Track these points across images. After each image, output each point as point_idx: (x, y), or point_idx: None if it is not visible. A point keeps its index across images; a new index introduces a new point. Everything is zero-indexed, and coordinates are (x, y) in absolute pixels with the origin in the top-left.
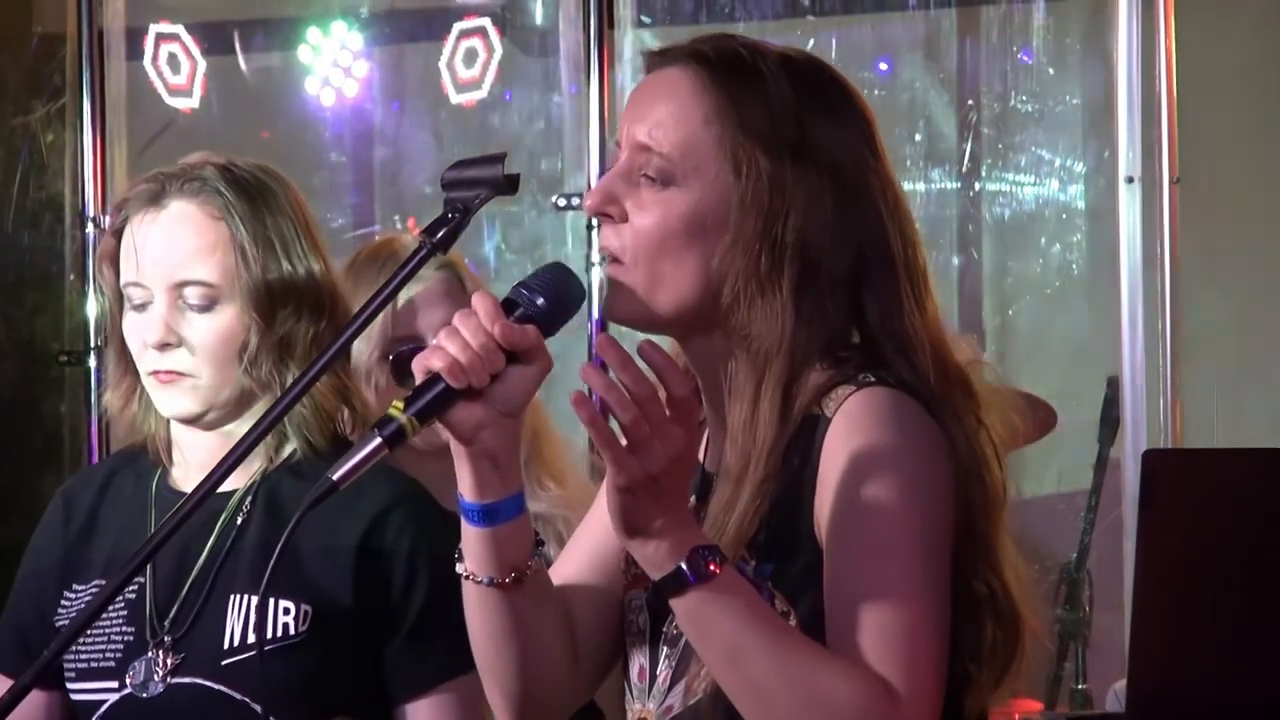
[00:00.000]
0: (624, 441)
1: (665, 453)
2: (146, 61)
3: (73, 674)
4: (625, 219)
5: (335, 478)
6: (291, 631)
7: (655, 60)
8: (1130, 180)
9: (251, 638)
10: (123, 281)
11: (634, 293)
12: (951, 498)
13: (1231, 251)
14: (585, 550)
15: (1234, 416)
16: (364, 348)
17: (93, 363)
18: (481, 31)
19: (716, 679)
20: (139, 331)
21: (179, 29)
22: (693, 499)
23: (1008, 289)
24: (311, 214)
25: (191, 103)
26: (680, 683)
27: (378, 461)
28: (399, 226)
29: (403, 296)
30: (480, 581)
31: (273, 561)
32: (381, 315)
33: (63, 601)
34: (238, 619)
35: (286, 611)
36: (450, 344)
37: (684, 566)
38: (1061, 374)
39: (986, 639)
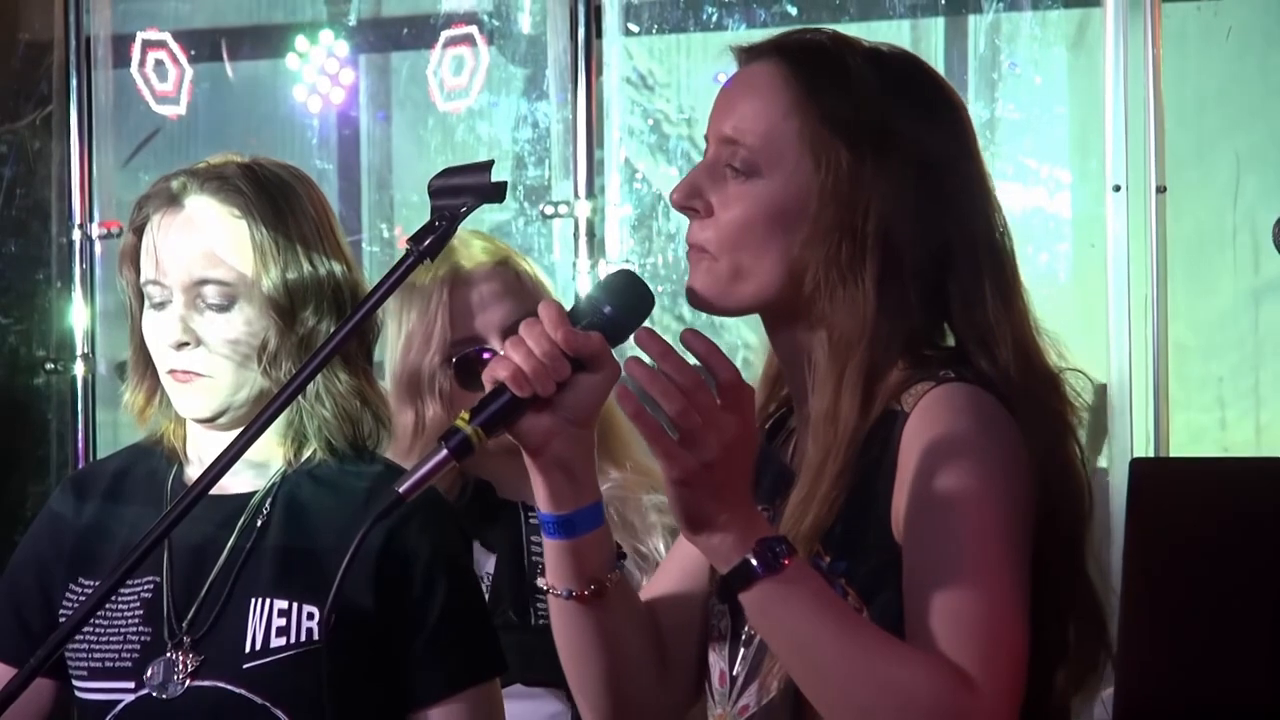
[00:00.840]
0: (675, 435)
1: (719, 441)
2: (133, 69)
3: (84, 673)
4: (710, 213)
5: (401, 490)
6: (316, 636)
7: (742, 56)
8: (1117, 189)
9: (275, 641)
10: (142, 279)
11: (716, 283)
12: (1031, 491)
13: (1217, 260)
14: (677, 562)
15: (1221, 426)
16: (425, 354)
17: (79, 371)
18: (469, 39)
19: (788, 671)
20: (158, 330)
21: (166, 36)
22: (773, 500)
23: None
24: (334, 215)
25: (179, 110)
26: (755, 682)
27: (443, 472)
28: (386, 234)
29: (460, 298)
30: (560, 595)
31: (339, 576)
32: (440, 320)
33: (68, 594)
34: (259, 623)
35: (311, 616)
36: (515, 353)
37: (751, 559)
38: None
39: (1070, 640)
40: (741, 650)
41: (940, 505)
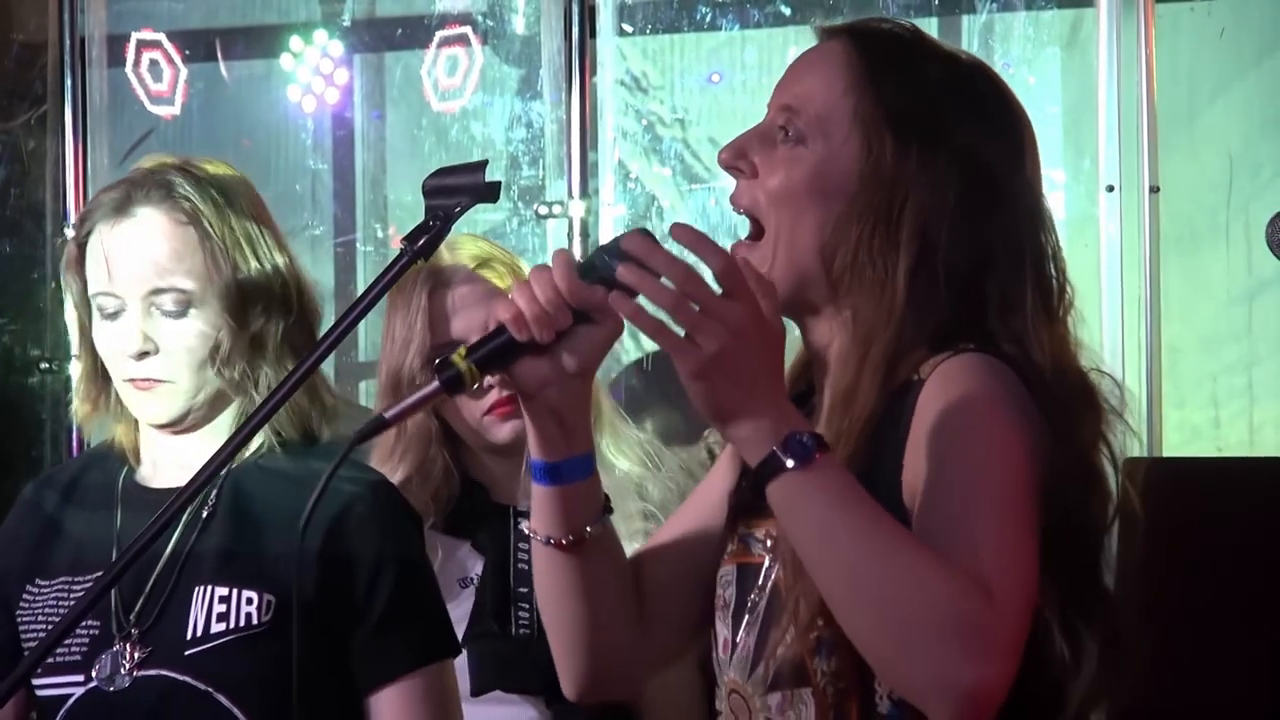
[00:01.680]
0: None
1: (725, 328)
2: (128, 69)
3: (38, 670)
4: (755, 174)
5: (388, 415)
6: (255, 621)
7: (822, 34)
8: (1111, 189)
9: (216, 628)
10: (92, 290)
11: (760, 267)
12: (1041, 453)
13: (1211, 260)
14: (684, 521)
15: (1215, 425)
16: (405, 356)
17: (74, 370)
18: (463, 39)
19: (805, 562)
20: (114, 340)
21: (160, 36)
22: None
23: None
24: (268, 210)
25: (173, 110)
26: (765, 648)
27: (432, 404)
28: (380, 234)
29: (439, 301)
30: (540, 540)
31: (300, 539)
32: (420, 322)
33: (24, 596)
34: (201, 610)
35: (250, 601)
36: (519, 296)
37: (778, 450)
38: None
39: (1082, 653)
40: (746, 616)
41: (952, 443)
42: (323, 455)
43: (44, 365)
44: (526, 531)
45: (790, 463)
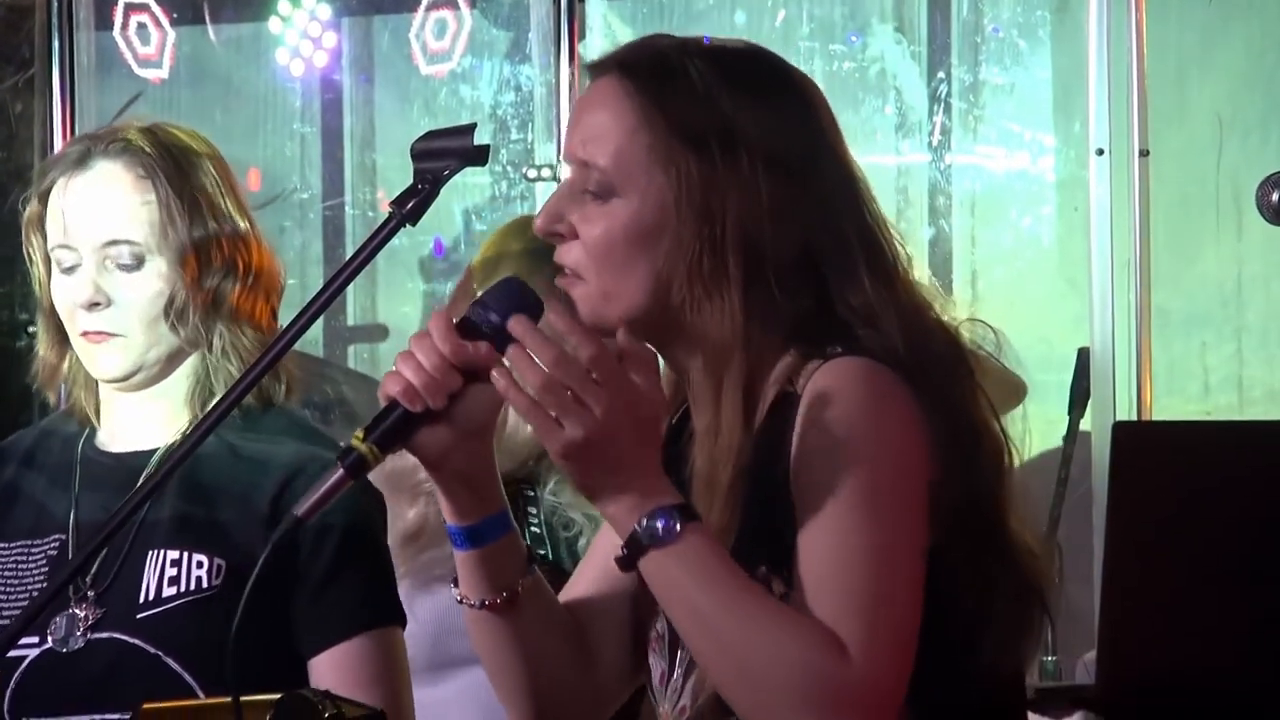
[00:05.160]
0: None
1: (595, 412)
2: (115, 31)
3: None
4: (575, 235)
5: (299, 513)
6: (205, 585)
7: (591, 71)
8: (1100, 153)
9: (167, 591)
10: (50, 244)
11: (586, 303)
12: (925, 460)
13: (1200, 224)
14: (597, 560)
15: (1204, 389)
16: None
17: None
18: (451, 3)
19: (682, 637)
20: (69, 293)
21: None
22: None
23: (978, 261)
24: (235, 176)
25: (161, 73)
26: (691, 679)
27: (341, 493)
28: (368, 198)
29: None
30: (474, 605)
31: (244, 595)
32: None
33: None
34: (154, 573)
35: (200, 565)
36: (405, 368)
37: (638, 528)
38: (1031, 346)
39: (1000, 614)
40: (680, 651)
41: (826, 474)
42: (276, 422)
43: (31, 329)
44: (457, 597)
45: (653, 540)
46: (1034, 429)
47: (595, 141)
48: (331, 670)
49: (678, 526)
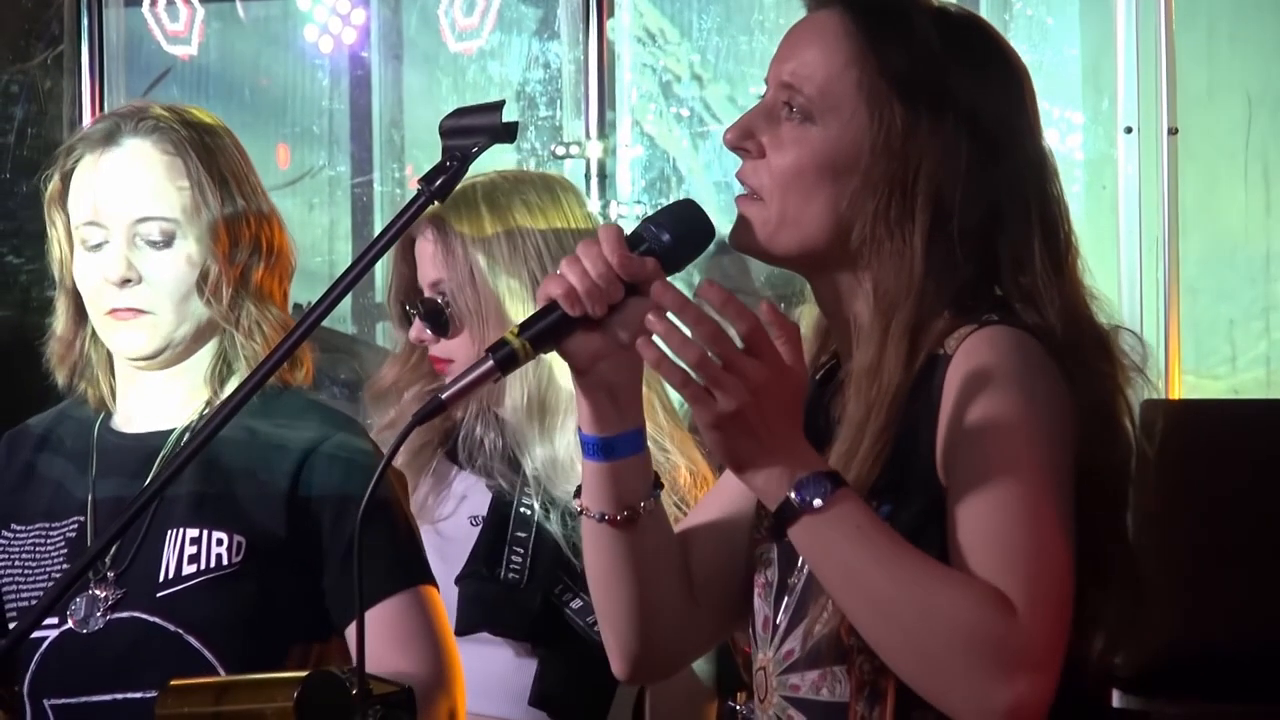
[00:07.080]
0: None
1: (744, 386)
2: (145, 8)
3: (14, 614)
4: (762, 154)
5: (444, 396)
6: (225, 562)
7: (813, 3)
8: (1129, 130)
9: (187, 569)
10: (75, 222)
11: (763, 227)
12: (1072, 434)
13: (1229, 202)
14: (717, 498)
15: (1232, 367)
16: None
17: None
18: None
19: (836, 601)
20: (98, 270)
21: None
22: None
23: None
24: (251, 162)
25: (190, 50)
26: (799, 627)
27: (484, 385)
28: (397, 174)
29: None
30: (593, 517)
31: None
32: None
33: None
34: (173, 552)
35: (220, 542)
36: (570, 272)
37: (792, 496)
38: None
39: (1109, 600)
40: (786, 598)
41: (982, 437)
42: (294, 404)
43: None
44: (577, 508)
45: (805, 507)
46: None
47: (805, 68)
48: (370, 630)
49: (830, 491)
